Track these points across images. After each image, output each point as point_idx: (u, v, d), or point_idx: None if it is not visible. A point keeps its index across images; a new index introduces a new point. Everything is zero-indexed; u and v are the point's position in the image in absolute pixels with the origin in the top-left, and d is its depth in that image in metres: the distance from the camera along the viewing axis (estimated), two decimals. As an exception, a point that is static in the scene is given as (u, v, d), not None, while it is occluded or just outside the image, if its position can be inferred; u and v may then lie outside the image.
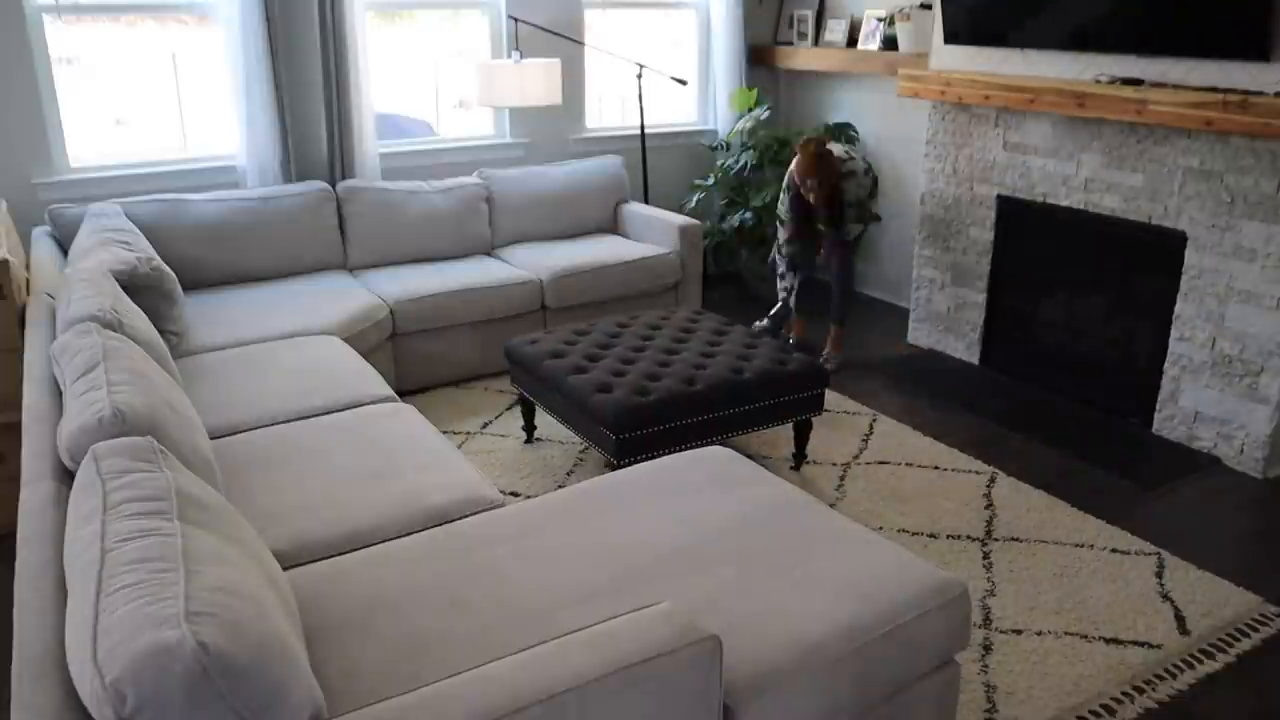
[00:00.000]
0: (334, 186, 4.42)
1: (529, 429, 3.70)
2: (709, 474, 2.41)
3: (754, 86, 5.65)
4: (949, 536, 3.08)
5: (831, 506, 2.93)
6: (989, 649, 2.54)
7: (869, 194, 4.31)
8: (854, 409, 4.02)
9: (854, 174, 4.24)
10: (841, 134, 5.32)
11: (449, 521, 2.29)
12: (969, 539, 3.07)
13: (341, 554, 2.13)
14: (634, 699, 1.47)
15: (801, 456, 3.51)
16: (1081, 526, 3.14)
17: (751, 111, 5.39)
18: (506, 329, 4.30)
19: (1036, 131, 4.08)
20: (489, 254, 4.72)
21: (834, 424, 3.88)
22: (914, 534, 3.10)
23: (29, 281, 3.29)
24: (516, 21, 4.81)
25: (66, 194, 4.08)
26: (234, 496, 2.36)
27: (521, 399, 3.63)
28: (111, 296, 2.58)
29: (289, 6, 4.34)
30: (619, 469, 2.55)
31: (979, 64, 4.21)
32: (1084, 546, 3.02)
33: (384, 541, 2.19)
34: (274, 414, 2.88)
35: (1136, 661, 2.50)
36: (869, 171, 4.29)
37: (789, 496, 2.31)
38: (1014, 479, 3.44)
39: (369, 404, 2.98)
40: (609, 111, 5.64)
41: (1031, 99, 3.86)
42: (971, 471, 3.50)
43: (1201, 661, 2.51)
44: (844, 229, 4.32)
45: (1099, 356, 4.06)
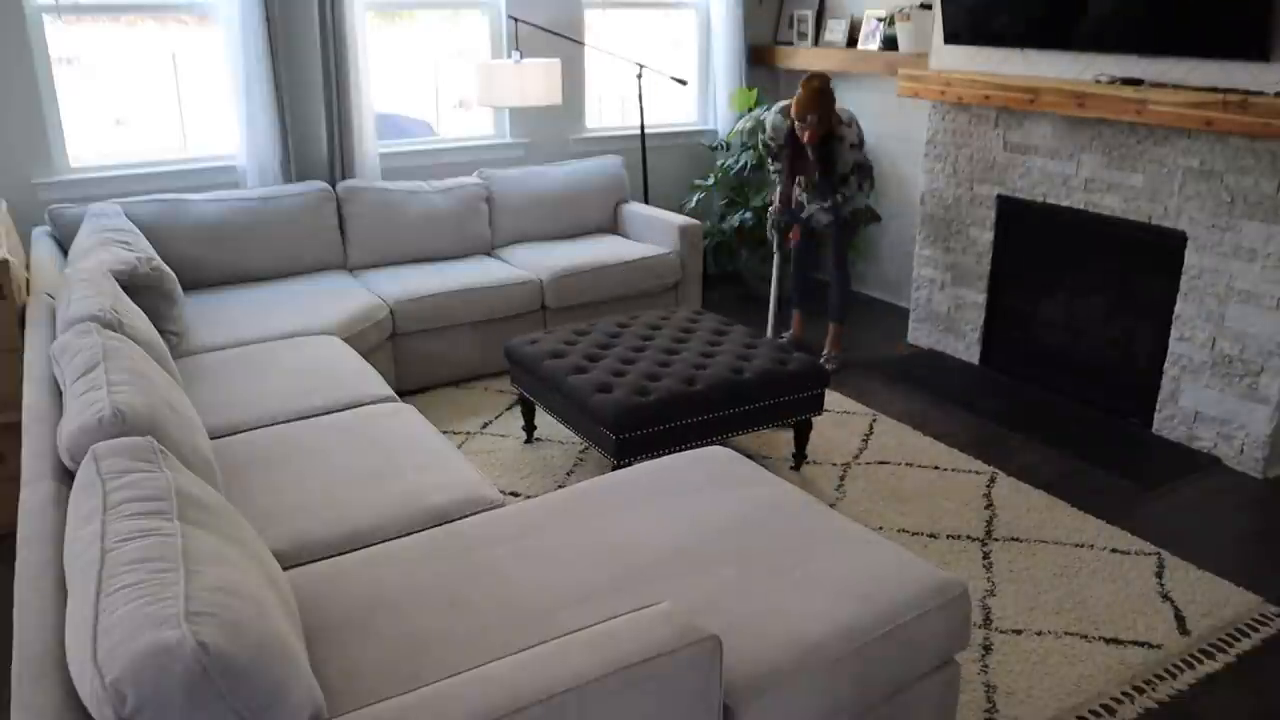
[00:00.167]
0: (334, 186, 4.42)
1: (529, 429, 3.70)
2: (709, 474, 2.41)
3: (754, 86, 5.65)
4: (949, 536, 3.08)
5: (831, 506, 2.93)
6: (989, 649, 2.54)
7: (868, 178, 4.26)
8: (854, 409, 4.02)
9: (852, 126, 4.15)
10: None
11: (449, 521, 2.29)
12: (969, 539, 3.07)
13: (341, 554, 2.13)
14: (634, 699, 1.47)
15: (801, 456, 3.51)
16: (1081, 526, 3.14)
17: (751, 111, 5.39)
18: (506, 329, 4.30)
19: (1036, 131, 4.08)
20: (489, 254, 4.72)
21: (834, 424, 3.88)
22: (914, 534, 3.10)
23: (29, 281, 3.29)
24: (516, 21, 4.81)
25: (66, 194, 4.08)
26: (234, 496, 2.36)
27: (521, 399, 3.63)
28: (111, 296, 2.58)
29: (289, 6, 4.34)
30: (619, 469, 2.55)
31: (979, 64, 4.21)
32: (1084, 546, 3.02)
33: (384, 541, 2.19)
34: (274, 414, 2.88)
35: (1136, 661, 2.50)
36: (862, 143, 4.20)
37: (789, 496, 2.31)
38: (1014, 479, 3.44)
39: (369, 404, 2.98)
40: (609, 111, 5.64)
41: (1031, 99, 3.86)
42: (971, 471, 3.50)
43: (1201, 661, 2.51)
44: (835, 182, 4.21)
45: (1099, 356, 4.06)
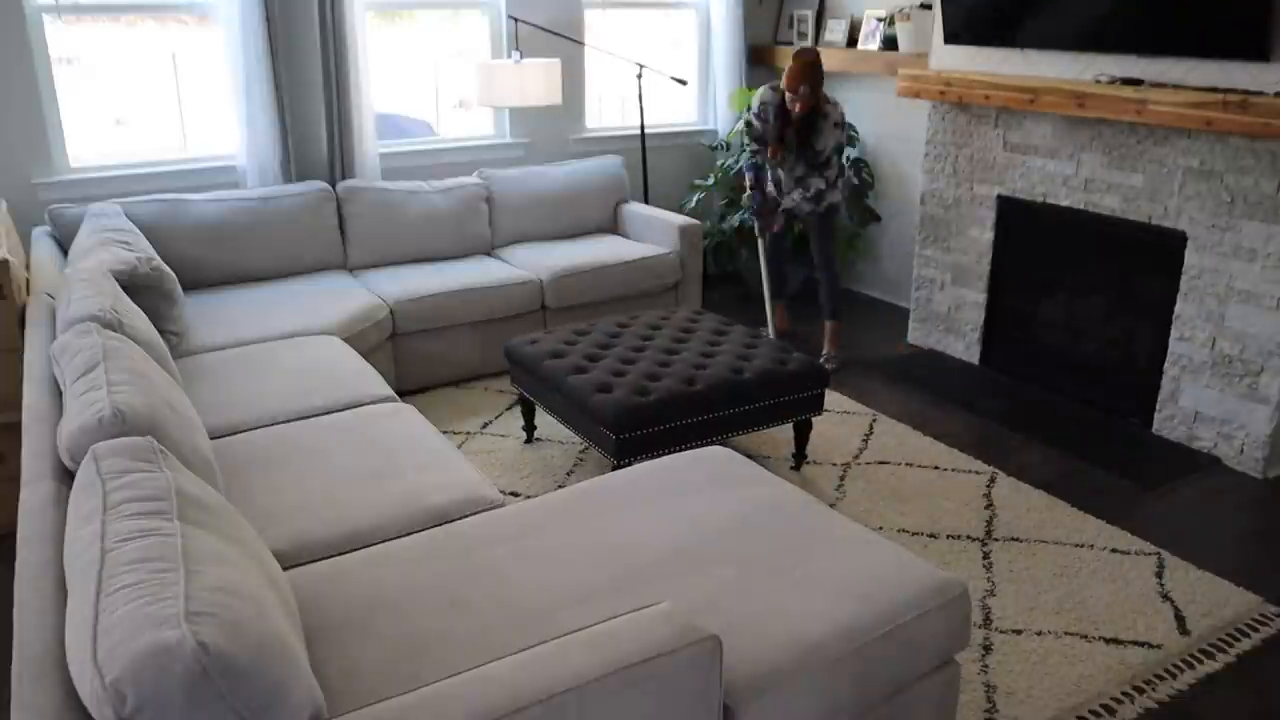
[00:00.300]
0: (334, 186, 4.42)
1: (529, 429, 3.70)
2: (709, 474, 2.41)
3: (754, 86, 5.64)
4: (949, 536, 3.08)
5: (831, 506, 2.93)
6: (989, 649, 2.54)
7: (856, 171, 4.27)
8: (854, 409, 4.02)
9: (836, 106, 4.17)
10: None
11: (449, 521, 2.29)
12: (969, 539, 3.07)
13: (341, 554, 2.13)
14: (634, 699, 1.47)
15: (801, 456, 3.51)
16: (1081, 526, 3.14)
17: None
18: (506, 329, 4.30)
19: (1036, 131, 4.08)
20: (489, 254, 4.72)
21: (834, 424, 3.88)
22: (914, 534, 3.10)
23: (29, 281, 3.29)
24: (516, 21, 4.81)
25: (66, 194, 4.08)
26: (234, 496, 2.36)
27: (521, 399, 3.63)
28: (111, 296, 2.58)
29: (289, 6, 4.34)
30: (619, 469, 2.55)
31: (979, 64, 4.21)
32: (1084, 546, 3.02)
33: (384, 541, 2.19)
34: (274, 414, 2.88)
35: (1136, 661, 2.50)
36: (843, 125, 4.21)
37: (789, 496, 2.31)
38: (1014, 479, 3.44)
39: (369, 404, 2.98)
40: (609, 111, 5.64)
41: (1031, 99, 3.86)
42: (971, 471, 3.50)
43: (1201, 661, 2.51)
44: (818, 162, 4.24)
45: (1099, 356, 4.06)
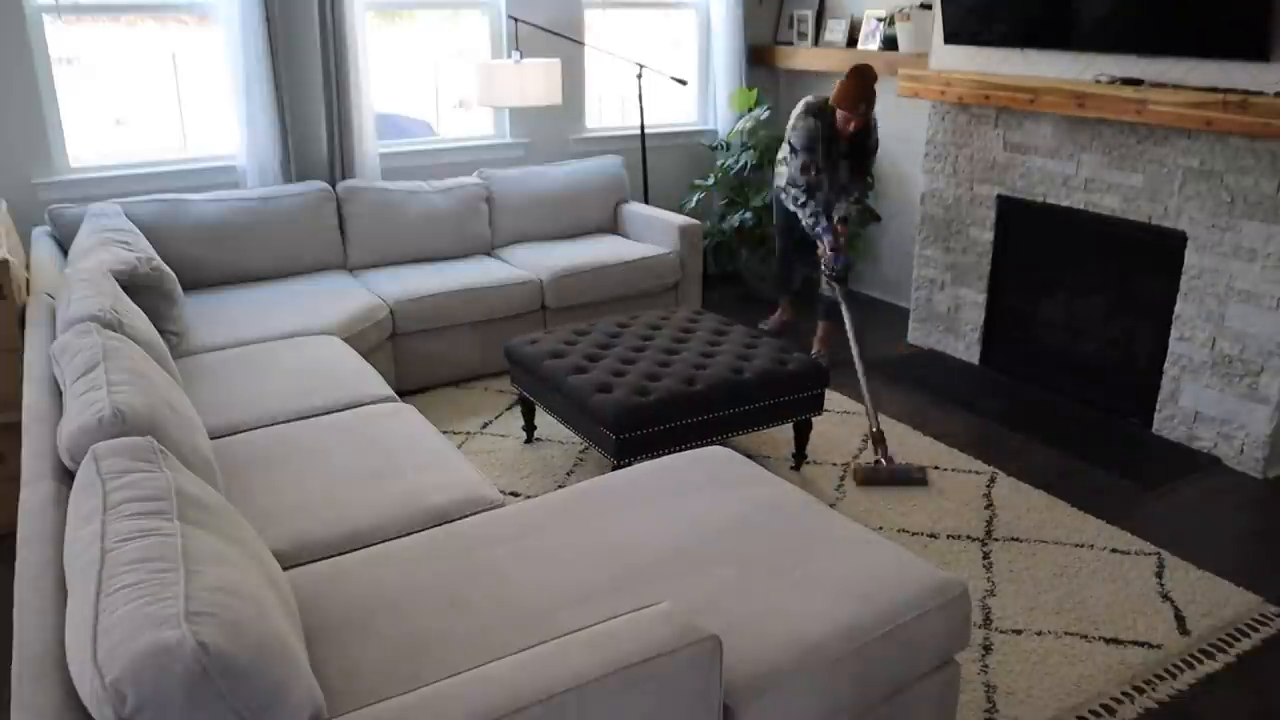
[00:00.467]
0: (334, 186, 4.42)
1: (529, 429, 3.70)
2: (709, 474, 2.41)
3: (754, 86, 5.65)
4: (949, 536, 3.08)
5: (831, 506, 2.93)
6: (989, 649, 2.54)
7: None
8: (854, 409, 4.02)
9: (874, 120, 4.32)
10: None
11: (449, 521, 2.29)
12: (969, 539, 3.07)
13: (341, 554, 2.13)
14: (634, 699, 1.47)
15: (801, 456, 3.51)
16: (1081, 526, 3.14)
17: (751, 111, 5.39)
18: (506, 329, 4.30)
19: (1036, 131, 4.08)
20: (489, 254, 4.72)
21: (834, 424, 3.88)
22: (914, 534, 3.09)
23: (29, 281, 3.29)
24: (516, 21, 4.81)
25: (66, 194, 4.08)
26: (234, 496, 2.36)
27: (521, 399, 3.63)
28: (111, 296, 2.58)
29: (289, 6, 4.34)
30: (619, 469, 2.55)
31: (979, 64, 4.21)
32: (1084, 546, 3.02)
33: (384, 541, 2.19)
34: (274, 414, 2.88)
35: (1136, 661, 2.50)
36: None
37: (789, 496, 2.31)
38: (1014, 479, 3.44)
39: (369, 404, 2.98)
40: (609, 111, 5.64)
41: (1031, 99, 3.86)
42: (971, 471, 3.50)
43: (1201, 661, 2.51)
44: (869, 166, 4.39)
45: (1099, 356, 4.06)
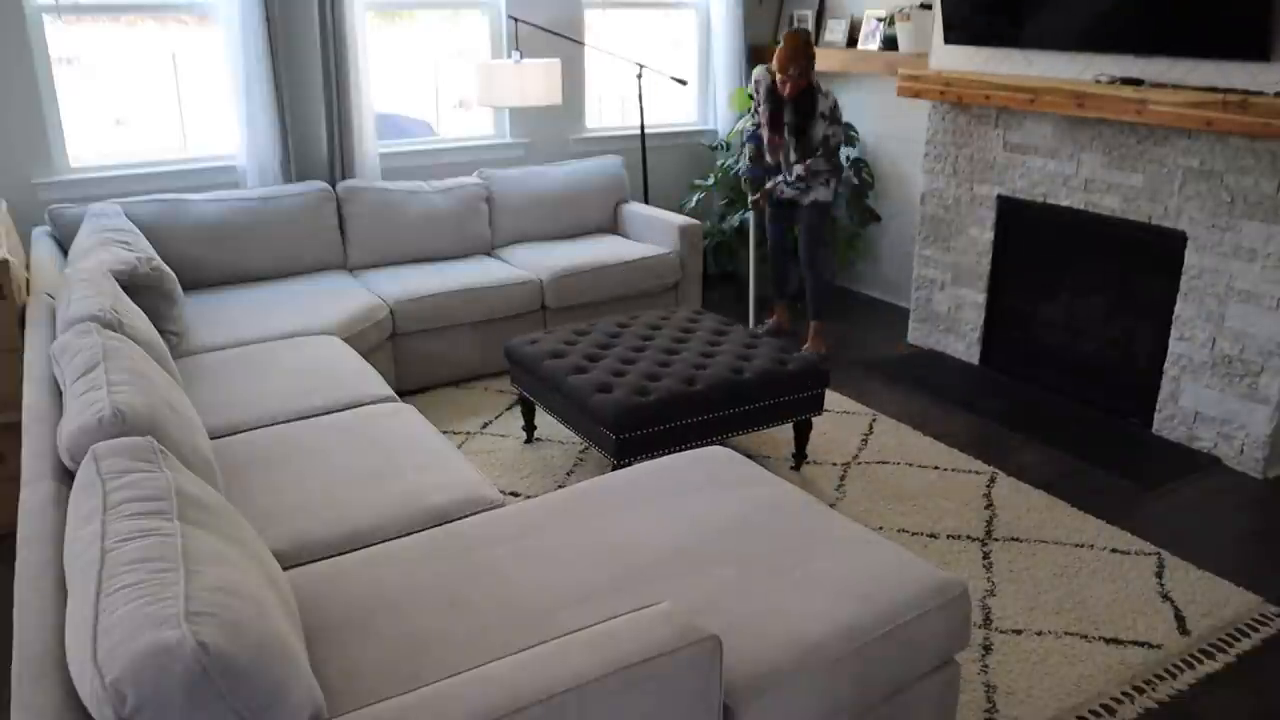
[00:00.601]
0: (334, 186, 4.42)
1: (529, 429, 3.70)
2: (709, 474, 2.41)
3: (754, 86, 5.65)
4: (949, 536, 3.08)
5: (831, 506, 2.93)
6: (989, 649, 2.54)
7: (835, 167, 4.37)
8: (854, 409, 4.02)
9: (829, 96, 4.27)
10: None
11: (449, 521, 2.29)
12: (969, 539, 3.07)
13: (341, 554, 2.13)
14: (634, 699, 1.47)
15: (801, 456, 3.51)
16: (1081, 526, 3.14)
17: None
18: (506, 329, 4.30)
19: (1036, 131, 4.08)
20: (489, 254, 4.72)
21: (834, 424, 3.88)
22: (914, 534, 3.09)
23: (29, 281, 3.29)
24: (516, 21, 4.81)
25: (66, 194, 4.08)
26: (234, 496, 2.36)
27: (521, 399, 3.63)
28: (111, 296, 2.58)
29: (289, 6, 4.34)
30: (619, 469, 2.55)
31: (979, 64, 4.21)
32: (1084, 546, 3.02)
33: (384, 541, 2.19)
34: (274, 414, 2.88)
35: (1136, 661, 2.50)
36: (834, 119, 4.30)
37: (789, 496, 2.31)
38: (1014, 479, 3.44)
39: (369, 404, 2.98)
40: (609, 111, 5.64)
41: (1031, 99, 3.86)
42: (971, 471, 3.50)
43: (1201, 661, 2.51)
44: (809, 147, 4.33)
45: (1099, 356, 4.06)
